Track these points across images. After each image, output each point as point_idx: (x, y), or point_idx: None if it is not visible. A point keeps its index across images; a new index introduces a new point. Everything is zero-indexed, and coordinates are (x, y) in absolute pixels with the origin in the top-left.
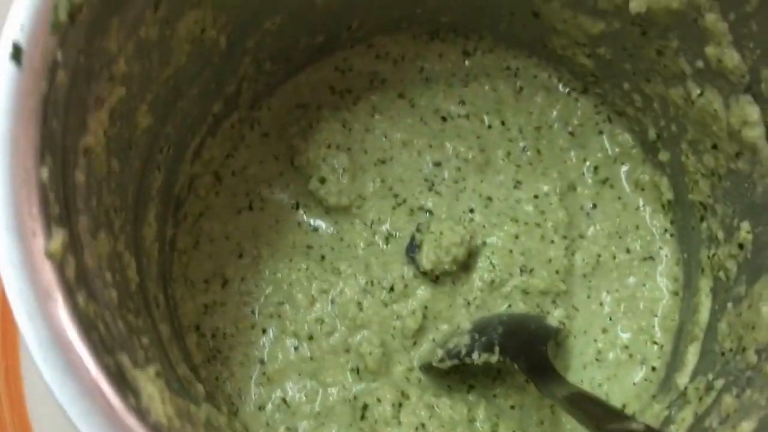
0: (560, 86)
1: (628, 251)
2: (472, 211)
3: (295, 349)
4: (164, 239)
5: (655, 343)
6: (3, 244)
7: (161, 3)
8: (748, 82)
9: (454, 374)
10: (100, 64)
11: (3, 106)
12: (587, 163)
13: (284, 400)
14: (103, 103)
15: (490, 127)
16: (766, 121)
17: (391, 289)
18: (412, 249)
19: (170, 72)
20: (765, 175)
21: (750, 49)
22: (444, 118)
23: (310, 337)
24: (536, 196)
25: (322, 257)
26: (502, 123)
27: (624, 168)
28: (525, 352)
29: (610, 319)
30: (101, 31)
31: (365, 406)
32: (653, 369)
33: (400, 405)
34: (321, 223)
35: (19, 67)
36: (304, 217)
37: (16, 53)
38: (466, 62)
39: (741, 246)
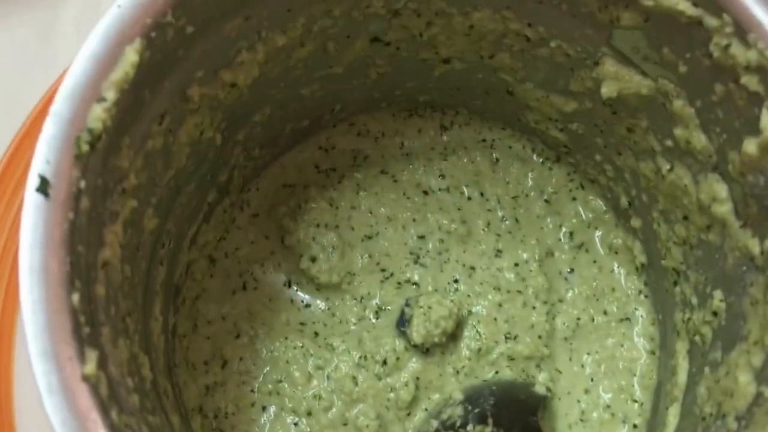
0: (534, 156)
1: (605, 313)
2: (456, 281)
3: (295, 425)
4: (167, 328)
5: (635, 401)
6: (41, 372)
7: (166, 115)
8: (716, 162)
9: None
10: (113, 182)
11: (34, 239)
12: (563, 229)
13: None
14: (117, 217)
15: (469, 198)
16: (734, 198)
17: (384, 362)
18: (403, 323)
19: (172, 174)
20: (735, 248)
21: (716, 133)
22: (426, 192)
23: (309, 413)
24: (516, 264)
25: (316, 334)
26: (481, 194)
27: (598, 233)
28: (518, 424)
29: (592, 379)
30: (114, 152)
31: None
32: (635, 426)
33: None
34: (313, 300)
35: (47, 199)
36: (297, 294)
37: (44, 187)
38: (444, 136)
39: (715, 314)
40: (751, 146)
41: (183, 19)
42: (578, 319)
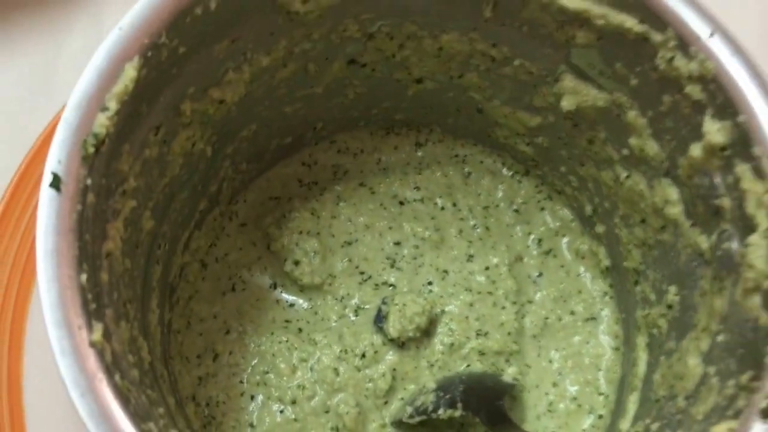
0: (504, 170)
1: (572, 313)
2: (430, 283)
3: (281, 412)
4: (163, 322)
5: (601, 393)
6: (56, 337)
7: (161, 127)
8: (667, 167)
9: (422, 428)
10: (115, 183)
11: (48, 226)
12: (532, 237)
13: None
14: (118, 214)
15: (443, 208)
16: (684, 200)
17: (363, 355)
18: (380, 319)
19: (166, 181)
20: (687, 246)
21: (667, 141)
22: (401, 203)
23: (294, 402)
24: (487, 268)
25: (300, 330)
26: (454, 204)
27: (565, 240)
28: (485, 407)
29: (560, 374)
30: (116, 157)
31: None
32: (600, 417)
33: None
34: (297, 300)
35: (59, 193)
36: (282, 295)
37: (57, 183)
38: (419, 152)
39: (670, 306)
40: (696, 150)
41: (176, 40)
42: (546, 318)
